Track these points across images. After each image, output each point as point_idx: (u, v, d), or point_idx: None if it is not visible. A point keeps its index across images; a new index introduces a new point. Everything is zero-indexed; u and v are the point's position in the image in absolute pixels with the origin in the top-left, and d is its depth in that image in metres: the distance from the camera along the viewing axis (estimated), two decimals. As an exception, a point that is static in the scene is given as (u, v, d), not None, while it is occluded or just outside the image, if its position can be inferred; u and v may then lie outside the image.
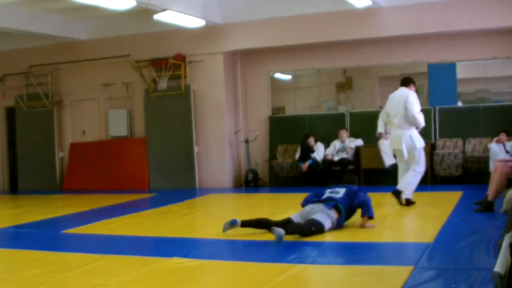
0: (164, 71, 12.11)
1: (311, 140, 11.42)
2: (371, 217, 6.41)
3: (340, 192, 6.52)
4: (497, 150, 9.36)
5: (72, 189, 12.83)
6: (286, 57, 12.22)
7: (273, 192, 11.45)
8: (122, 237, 6.91)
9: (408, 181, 7.99)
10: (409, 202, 7.96)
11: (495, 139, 10.21)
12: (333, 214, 6.26)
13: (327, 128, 11.75)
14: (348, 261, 5.07)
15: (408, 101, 7.86)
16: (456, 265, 4.69)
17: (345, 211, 6.33)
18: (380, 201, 9.05)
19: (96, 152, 13.12)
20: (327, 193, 6.51)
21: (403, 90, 8.09)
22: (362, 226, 6.42)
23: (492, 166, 8.54)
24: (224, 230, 6.39)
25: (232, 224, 6.37)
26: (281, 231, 5.82)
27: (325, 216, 6.18)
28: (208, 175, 12.27)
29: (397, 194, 7.96)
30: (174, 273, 4.89)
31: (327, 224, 6.17)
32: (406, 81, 8.18)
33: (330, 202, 6.30)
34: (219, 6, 11.79)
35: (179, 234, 6.84)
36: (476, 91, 11.70)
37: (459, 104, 11.37)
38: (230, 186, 12.16)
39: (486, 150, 10.41)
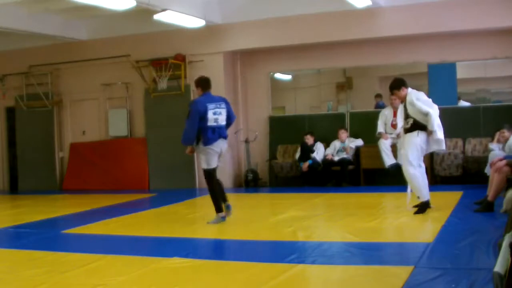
0: (164, 71, 12.11)
1: (308, 138, 11.41)
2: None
3: (223, 113, 7.25)
4: (496, 154, 9.37)
5: (72, 189, 12.82)
6: (286, 57, 12.21)
7: (273, 192, 11.45)
8: (122, 237, 6.91)
9: None
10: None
11: (497, 135, 10.14)
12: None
13: (327, 128, 11.74)
14: (348, 261, 5.07)
15: None
16: (456, 265, 4.69)
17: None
18: (380, 201, 9.07)
19: (96, 152, 13.12)
20: (214, 120, 7.16)
21: None
22: None
23: (488, 168, 8.60)
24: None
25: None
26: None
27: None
28: (208, 175, 12.24)
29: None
30: (174, 273, 4.89)
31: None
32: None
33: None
34: (219, 6, 11.79)
35: (179, 234, 6.84)
36: (476, 91, 11.71)
37: (466, 103, 11.35)
38: (230, 186, 12.14)
39: (486, 150, 10.41)
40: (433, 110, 7.30)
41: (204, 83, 7.42)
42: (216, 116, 7.16)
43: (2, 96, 13.71)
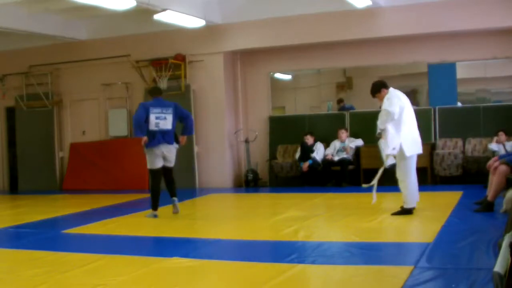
0: (164, 71, 12.11)
1: (308, 138, 11.41)
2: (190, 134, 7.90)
3: (168, 118, 7.71)
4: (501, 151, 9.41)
5: (72, 189, 12.82)
6: (286, 57, 12.21)
7: (273, 192, 11.45)
8: (122, 237, 6.91)
9: None
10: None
11: (494, 139, 10.21)
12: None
13: (327, 128, 11.74)
14: (348, 261, 5.07)
15: None
16: (456, 265, 4.70)
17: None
18: (380, 201, 9.06)
19: (96, 152, 13.12)
20: (155, 125, 7.68)
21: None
22: (181, 142, 8.02)
23: None
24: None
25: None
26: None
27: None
28: (208, 175, 12.26)
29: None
30: (174, 273, 4.89)
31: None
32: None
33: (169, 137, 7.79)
34: (219, 6, 11.79)
35: (179, 234, 6.84)
36: (476, 91, 11.71)
37: (459, 104, 11.37)
38: (230, 186, 12.15)
39: (486, 150, 10.42)
40: (390, 108, 6.90)
41: (152, 91, 8.28)
42: (158, 120, 7.72)
43: (2, 96, 13.71)
